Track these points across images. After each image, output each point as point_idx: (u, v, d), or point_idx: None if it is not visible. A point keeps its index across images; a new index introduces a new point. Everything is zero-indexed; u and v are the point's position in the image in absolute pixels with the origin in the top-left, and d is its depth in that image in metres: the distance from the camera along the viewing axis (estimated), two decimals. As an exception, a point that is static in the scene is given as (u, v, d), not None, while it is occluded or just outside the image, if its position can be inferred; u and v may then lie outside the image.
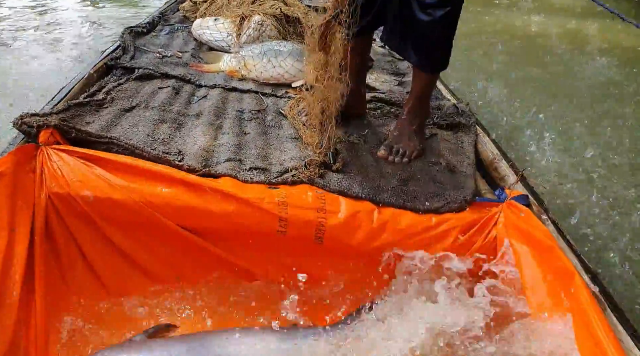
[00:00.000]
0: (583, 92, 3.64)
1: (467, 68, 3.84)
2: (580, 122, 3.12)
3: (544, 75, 3.95)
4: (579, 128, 3.06)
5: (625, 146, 2.86)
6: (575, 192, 2.33)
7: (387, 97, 2.06)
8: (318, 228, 1.34)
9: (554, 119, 3.13)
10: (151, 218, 1.31)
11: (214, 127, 1.66)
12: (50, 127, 1.36)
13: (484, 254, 1.41)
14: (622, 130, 3.05)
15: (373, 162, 1.63)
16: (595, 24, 5.50)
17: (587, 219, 2.10)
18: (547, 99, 3.43)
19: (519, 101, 3.35)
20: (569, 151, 2.76)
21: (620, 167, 2.64)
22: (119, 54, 2.04)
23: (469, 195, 1.49)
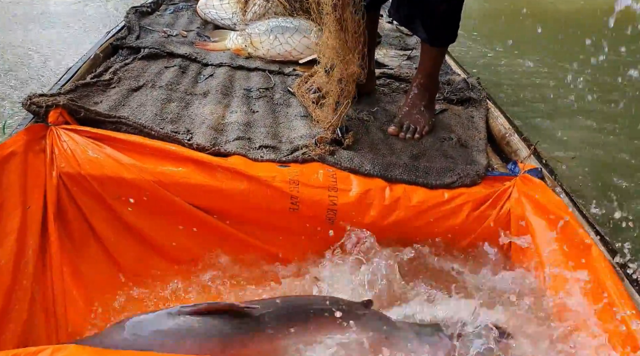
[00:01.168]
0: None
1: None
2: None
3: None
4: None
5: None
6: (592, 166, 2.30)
7: (396, 73, 2.03)
8: (329, 207, 1.33)
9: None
10: (162, 196, 1.30)
11: (221, 105, 1.65)
12: (59, 107, 1.35)
13: (497, 228, 1.41)
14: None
15: (383, 139, 1.61)
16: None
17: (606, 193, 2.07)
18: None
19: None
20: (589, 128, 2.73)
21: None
22: (125, 34, 2.02)
23: (482, 169, 1.47)
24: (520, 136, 1.65)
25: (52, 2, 4.14)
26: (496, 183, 1.46)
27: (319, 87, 1.70)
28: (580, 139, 2.61)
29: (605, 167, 2.34)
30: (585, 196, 1.98)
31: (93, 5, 4.38)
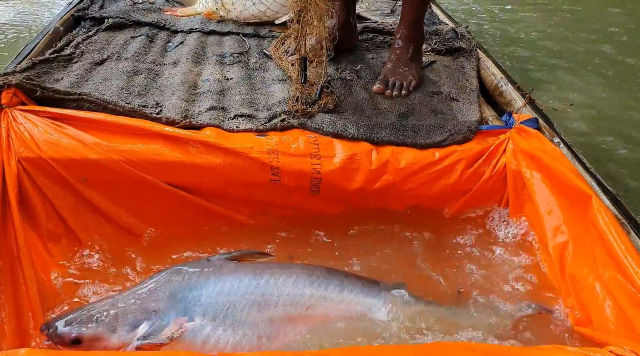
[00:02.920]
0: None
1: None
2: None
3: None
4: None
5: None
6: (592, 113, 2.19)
7: (379, 27, 1.92)
8: (313, 176, 1.24)
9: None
10: (132, 176, 1.22)
11: (193, 74, 1.54)
12: (12, 87, 1.24)
13: (494, 184, 1.32)
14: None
15: (368, 99, 1.51)
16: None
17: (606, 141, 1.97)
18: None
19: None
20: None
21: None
22: (87, 4, 1.89)
23: (474, 124, 1.38)
24: (514, 85, 1.55)
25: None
26: (490, 137, 1.37)
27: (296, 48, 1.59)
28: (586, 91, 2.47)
29: (611, 121, 2.22)
30: (588, 146, 1.89)
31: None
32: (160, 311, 0.96)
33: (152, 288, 0.99)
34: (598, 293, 1.02)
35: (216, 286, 1.00)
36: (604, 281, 0.99)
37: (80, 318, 0.93)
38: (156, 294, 0.98)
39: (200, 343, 0.94)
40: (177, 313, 0.96)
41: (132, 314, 0.94)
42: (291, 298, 1.02)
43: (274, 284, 1.02)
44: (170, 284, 1.00)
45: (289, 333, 1.00)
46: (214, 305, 0.97)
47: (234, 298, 0.99)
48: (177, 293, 0.98)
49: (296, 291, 1.02)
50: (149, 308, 0.96)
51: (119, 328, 0.92)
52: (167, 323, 0.94)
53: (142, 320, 0.94)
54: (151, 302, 0.97)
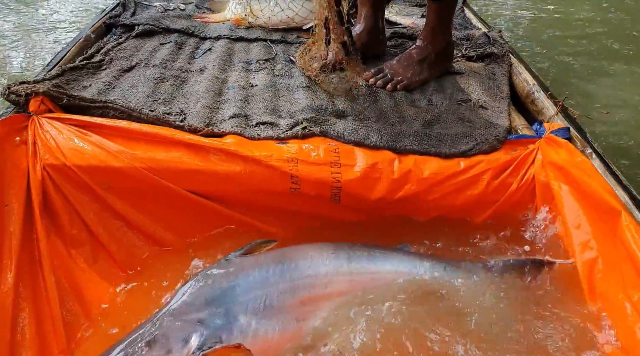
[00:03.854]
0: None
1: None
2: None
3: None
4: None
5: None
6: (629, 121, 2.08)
7: (409, 32, 1.88)
8: (333, 185, 1.22)
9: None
10: (154, 184, 1.22)
11: (218, 81, 1.54)
12: (40, 95, 1.27)
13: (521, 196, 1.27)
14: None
15: (393, 106, 1.48)
16: None
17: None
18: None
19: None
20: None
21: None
22: (119, 12, 1.92)
23: (502, 133, 1.33)
24: (546, 92, 1.49)
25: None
26: (518, 147, 1.32)
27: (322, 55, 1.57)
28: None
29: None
30: (622, 157, 1.80)
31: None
32: (203, 321, 0.96)
33: (187, 300, 1.00)
34: (628, 314, 0.96)
35: (247, 282, 1.03)
36: (634, 302, 0.93)
37: (130, 350, 0.92)
38: (194, 305, 0.98)
39: (250, 338, 0.96)
40: (221, 318, 0.97)
41: (179, 330, 0.94)
42: (312, 278, 1.07)
43: (296, 267, 1.08)
44: (204, 292, 1.01)
45: (317, 311, 1.04)
46: (251, 300, 1.00)
47: (267, 289, 1.02)
48: (213, 298, 1.00)
49: (315, 270, 1.08)
50: (192, 320, 0.96)
51: (173, 348, 0.92)
52: (213, 331, 0.95)
53: (190, 333, 0.94)
54: (192, 314, 0.97)
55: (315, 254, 1.11)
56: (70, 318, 1.12)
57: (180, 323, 0.95)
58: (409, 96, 1.54)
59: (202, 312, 0.97)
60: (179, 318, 0.96)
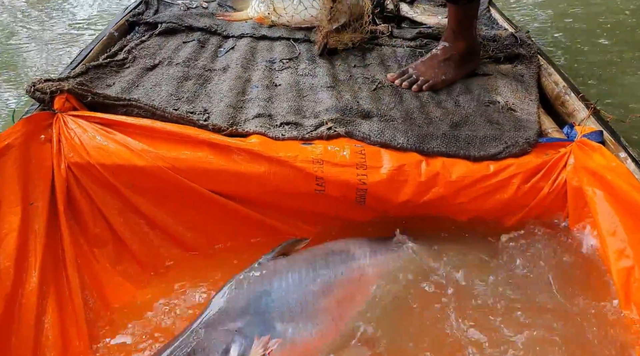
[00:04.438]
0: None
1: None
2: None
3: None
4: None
5: None
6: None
7: (434, 32, 1.84)
8: (358, 187, 1.20)
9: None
10: (178, 183, 1.21)
11: (242, 80, 1.53)
12: (65, 92, 1.26)
13: (552, 201, 1.24)
14: None
15: (420, 107, 1.46)
16: None
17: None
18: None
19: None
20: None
21: None
22: (142, 10, 1.92)
23: (532, 136, 1.30)
24: (578, 94, 1.45)
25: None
26: (550, 150, 1.28)
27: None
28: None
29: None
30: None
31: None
32: (241, 330, 0.94)
33: (223, 309, 0.97)
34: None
35: (281, 287, 1.01)
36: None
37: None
38: (229, 314, 0.96)
39: (289, 345, 0.94)
40: (258, 326, 0.95)
41: (217, 341, 0.92)
42: (345, 275, 1.08)
43: (327, 265, 1.08)
44: (239, 299, 0.99)
45: (353, 307, 1.05)
46: (287, 306, 0.99)
47: (302, 293, 1.01)
48: (248, 306, 0.98)
49: (348, 265, 1.10)
50: (231, 330, 0.94)
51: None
52: (252, 339, 0.93)
53: (229, 344, 0.92)
54: (229, 323, 0.95)
55: (343, 249, 1.12)
56: (93, 318, 1.11)
57: (217, 334, 0.93)
58: (435, 97, 1.51)
59: (239, 321, 0.95)
60: (216, 328, 0.94)
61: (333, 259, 1.10)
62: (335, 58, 1.71)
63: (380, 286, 1.11)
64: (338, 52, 1.72)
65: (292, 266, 1.06)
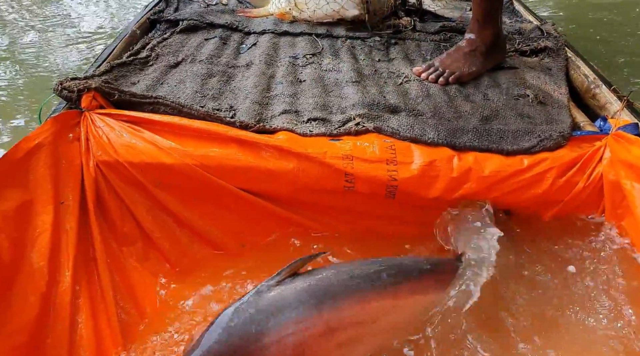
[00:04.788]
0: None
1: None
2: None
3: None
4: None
5: None
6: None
7: (458, 26, 1.82)
8: (389, 183, 1.18)
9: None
10: (206, 181, 1.20)
11: (266, 77, 1.51)
12: (92, 91, 1.25)
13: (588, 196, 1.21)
14: None
15: (448, 101, 1.43)
16: None
17: None
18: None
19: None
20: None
21: None
22: (162, 7, 1.91)
23: (566, 129, 1.27)
24: (609, 86, 1.42)
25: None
26: (584, 144, 1.26)
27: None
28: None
29: None
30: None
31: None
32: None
33: (208, 351, 0.86)
34: None
35: (278, 326, 0.88)
36: None
37: None
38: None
39: None
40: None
41: None
42: (356, 317, 0.93)
43: (335, 305, 0.91)
44: (227, 340, 0.86)
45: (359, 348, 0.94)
46: (282, 350, 0.86)
47: (301, 335, 0.88)
48: (237, 348, 0.86)
49: (362, 307, 0.93)
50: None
51: None
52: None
53: None
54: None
55: (356, 285, 0.94)
56: (124, 317, 1.10)
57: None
58: (462, 91, 1.49)
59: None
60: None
61: (342, 297, 0.93)
62: (359, 52, 1.69)
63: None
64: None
65: (293, 300, 0.90)
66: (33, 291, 0.94)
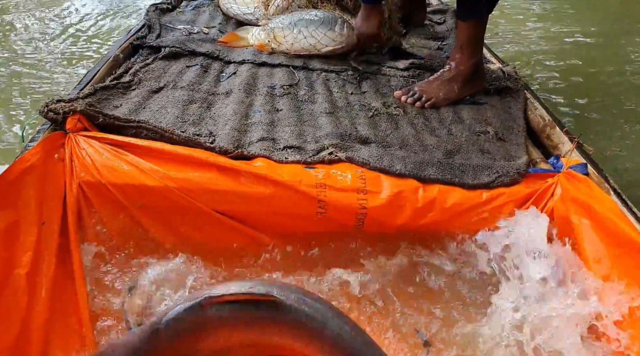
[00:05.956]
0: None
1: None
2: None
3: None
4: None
5: None
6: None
7: (426, 63, 1.93)
8: (358, 211, 1.26)
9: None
10: (186, 203, 1.26)
11: (244, 105, 1.59)
12: (77, 113, 1.30)
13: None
14: None
15: (415, 135, 1.53)
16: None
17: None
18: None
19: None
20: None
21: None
22: (145, 33, 1.97)
23: (522, 166, 1.38)
24: (562, 128, 1.54)
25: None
26: (538, 181, 1.36)
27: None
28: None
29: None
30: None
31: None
32: None
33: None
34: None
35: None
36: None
37: None
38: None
39: None
40: None
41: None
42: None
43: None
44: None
45: None
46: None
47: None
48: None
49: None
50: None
51: None
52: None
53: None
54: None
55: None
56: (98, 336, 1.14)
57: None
58: (428, 125, 1.59)
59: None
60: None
61: None
62: (333, 85, 1.78)
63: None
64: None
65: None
66: (15, 309, 0.97)
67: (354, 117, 1.59)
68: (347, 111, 1.63)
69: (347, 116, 1.60)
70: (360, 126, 1.54)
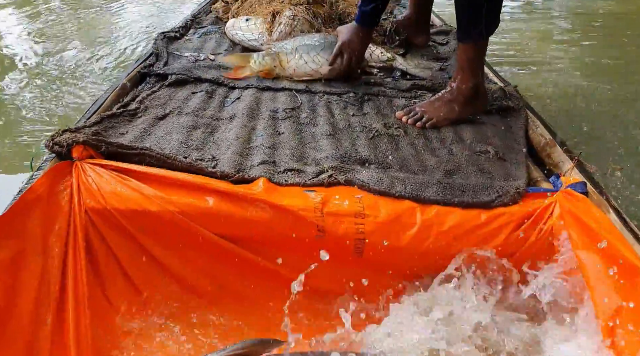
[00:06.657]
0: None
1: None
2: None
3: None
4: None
5: None
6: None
7: (428, 84, 1.96)
8: (356, 237, 1.27)
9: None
10: (187, 227, 1.28)
11: (247, 129, 1.62)
12: (80, 144, 1.35)
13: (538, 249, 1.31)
14: None
15: (415, 155, 1.55)
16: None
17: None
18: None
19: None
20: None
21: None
22: (152, 61, 2.03)
23: (522, 186, 1.38)
24: (563, 147, 1.55)
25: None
26: (537, 200, 1.36)
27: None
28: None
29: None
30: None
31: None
32: None
33: None
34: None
35: None
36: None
37: None
38: None
39: None
40: None
41: None
42: None
43: None
44: None
45: None
46: None
47: None
48: None
49: None
50: None
51: None
52: None
53: None
54: None
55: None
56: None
57: None
58: (429, 145, 1.61)
59: None
60: None
61: None
62: (335, 107, 1.81)
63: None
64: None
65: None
66: (21, 338, 1.00)
67: (355, 138, 1.62)
68: (348, 132, 1.66)
69: (347, 137, 1.62)
70: (361, 147, 1.56)
